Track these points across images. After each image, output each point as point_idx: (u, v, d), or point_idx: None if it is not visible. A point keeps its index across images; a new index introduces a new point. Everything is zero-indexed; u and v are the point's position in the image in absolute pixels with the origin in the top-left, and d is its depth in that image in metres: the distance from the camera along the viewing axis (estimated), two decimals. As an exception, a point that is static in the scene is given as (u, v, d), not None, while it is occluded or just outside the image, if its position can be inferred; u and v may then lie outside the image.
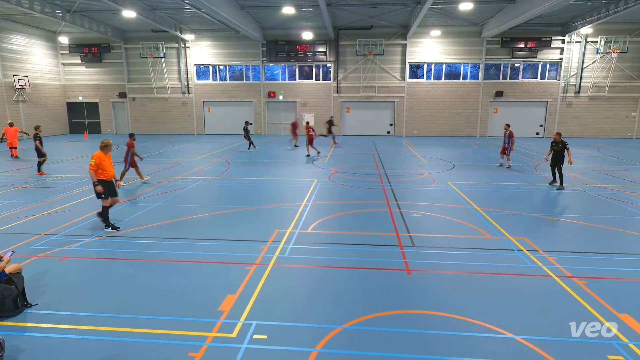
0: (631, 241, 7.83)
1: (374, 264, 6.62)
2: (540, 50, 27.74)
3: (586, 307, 5.21)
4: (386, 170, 15.47)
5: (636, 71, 27.45)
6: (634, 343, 4.41)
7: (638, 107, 27.90)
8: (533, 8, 19.72)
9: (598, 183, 12.97)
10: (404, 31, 27.97)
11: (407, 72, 28.94)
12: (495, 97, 28.68)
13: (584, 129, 28.26)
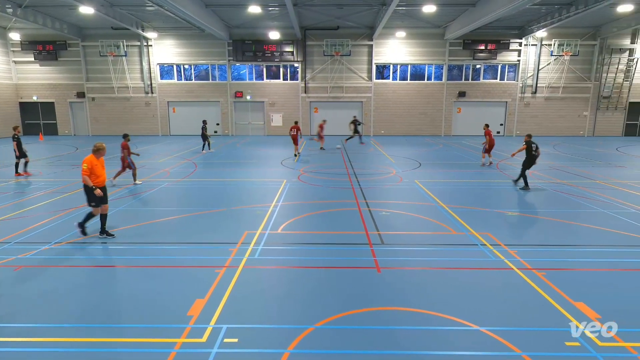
0: (585, 233, 8.29)
1: (344, 263, 6.67)
2: (500, 53, 28.89)
3: (545, 297, 5.47)
4: (355, 169, 15.63)
5: (586, 73, 29.11)
6: (589, 329, 4.67)
7: (588, 107, 29.60)
8: (492, 11, 20.51)
9: (555, 179, 13.66)
10: (370, 32, 28.37)
11: (373, 73, 29.36)
12: (458, 97, 29.61)
13: (541, 127, 29.67)
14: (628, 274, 6.26)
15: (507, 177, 14.01)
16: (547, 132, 29.75)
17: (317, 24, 27.62)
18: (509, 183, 13.07)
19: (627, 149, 22.04)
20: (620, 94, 29.20)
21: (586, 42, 28.34)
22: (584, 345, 4.39)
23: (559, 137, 28.83)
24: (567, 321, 4.86)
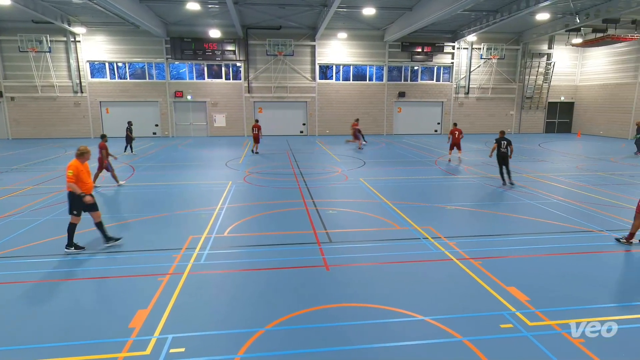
0: (515, 223, 8.99)
1: (293, 263, 6.67)
2: (435, 55, 30.41)
3: (481, 284, 5.86)
4: (301, 169, 15.67)
5: (512, 75, 31.54)
6: (520, 311, 5.08)
7: (514, 106, 32.09)
8: (427, 16, 21.54)
9: (487, 174, 14.65)
10: (313, 32, 28.59)
11: (317, 73, 29.62)
12: (398, 98, 30.75)
13: (473, 126, 31.66)
14: (552, 258, 6.88)
15: (446, 173, 14.80)
16: (479, 130, 31.79)
17: (259, 23, 27.31)
18: (447, 178, 13.82)
19: (547, 145, 24.21)
20: (541, 95, 31.99)
21: (511, 46, 30.70)
22: (517, 326, 4.76)
23: (490, 134, 30.93)
24: (502, 305, 5.24)
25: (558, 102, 32.50)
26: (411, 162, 17.47)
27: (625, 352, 4.31)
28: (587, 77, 31.45)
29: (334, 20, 25.19)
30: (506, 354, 4.27)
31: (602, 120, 29.74)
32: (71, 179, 6.76)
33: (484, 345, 4.40)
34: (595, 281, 6.07)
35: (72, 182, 6.76)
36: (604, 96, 29.74)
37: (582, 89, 31.94)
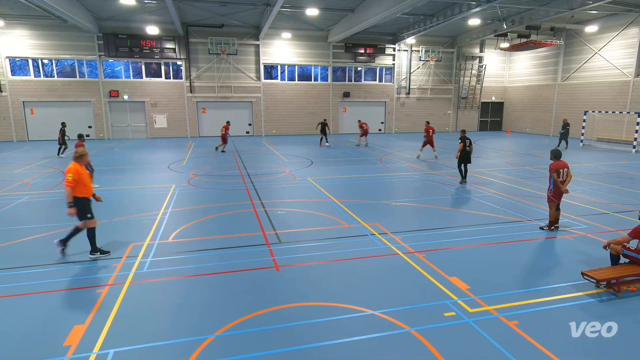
0: (455, 216, 9.51)
1: (242, 266, 6.56)
2: (377, 56, 31.32)
3: (426, 276, 6.13)
4: (248, 170, 15.44)
5: (448, 76, 33.31)
6: (461, 299, 5.39)
7: (451, 106, 33.93)
8: (368, 18, 22.13)
9: (428, 171, 15.35)
10: (257, 32, 28.25)
11: (262, 73, 29.31)
12: (343, 98, 31.29)
13: (414, 125, 33.03)
14: (488, 247, 7.37)
15: (390, 171, 15.31)
16: (419, 129, 33.07)
17: (200, 20, 26.47)
18: (393, 176, 14.29)
19: (481, 142, 25.87)
20: (474, 95, 34.12)
21: (447, 49, 32.42)
22: (459, 313, 5.04)
23: (429, 133, 32.41)
24: (445, 295, 5.52)
25: (490, 102, 34.86)
26: (357, 161, 17.86)
27: (553, 330, 4.72)
28: (514, 79, 34.06)
29: (277, 19, 25.06)
30: (450, 340, 4.51)
31: (528, 119, 32.35)
32: (70, 183, 6.44)
33: (430, 334, 4.61)
34: (525, 267, 6.60)
35: (69, 187, 6.45)
36: (529, 96, 32.38)
37: (510, 89, 34.53)
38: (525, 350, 4.32)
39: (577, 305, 5.29)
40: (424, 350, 4.34)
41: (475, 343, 4.46)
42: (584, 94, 27.33)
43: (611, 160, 17.99)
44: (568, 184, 8.13)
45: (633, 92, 24.10)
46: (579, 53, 27.66)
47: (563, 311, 5.16)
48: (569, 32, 27.77)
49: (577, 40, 27.59)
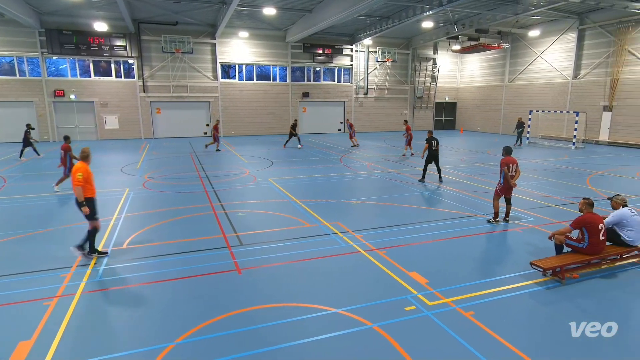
0: (413, 213, 9.79)
1: (203, 270, 6.40)
2: (335, 57, 31.62)
3: (387, 272, 6.27)
4: (207, 172, 15.07)
5: (404, 77, 34.24)
6: (421, 293, 5.56)
7: (407, 106, 34.90)
8: (326, 19, 22.29)
9: (387, 169, 15.70)
10: (213, 30, 27.63)
11: (219, 72, 28.71)
12: (302, 98, 31.31)
13: (373, 124, 33.68)
14: (445, 242, 7.66)
15: (350, 170, 15.51)
16: (377, 128, 33.91)
17: (152, 17, 25.49)
18: (354, 175, 14.48)
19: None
20: (429, 95, 35.31)
21: (402, 51, 33.32)
22: (419, 307, 5.20)
23: (388, 132, 33.19)
24: (405, 290, 5.68)
25: (443, 102, 36.22)
26: (318, 161, 17.94)
27: (505, 319, 4.98)
28: (466, 80, 35.61)
29: (234, 18, 24.66)
30: (411, 334, 4.64)
31: (479, 118, 33.92)
32: (79, 182, 6.45)
33: (392, 328, 4.72)
34: (479, 259, 6.93)
35: (79, 186, 6.45)
36: (479, 97, 33.96)
37: (462, 90, 36.06)
38: (481, 339, 4.53)
39: (527, 293, 5.62)
40: (386, 345, 4.43)
41: (434, 335, 4.62)
42: (529, 94, 29.07)
43: (554, 156, 19.25)
44: (517, 178, 8.62)
45: (572, 93, 25.93)
46: (524, 56, 29.39)
47: (514, 299, 5.46)
48: (514, 36, 29.42)
49: (521, 43, 29.28)
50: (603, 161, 17.77)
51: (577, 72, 25.59)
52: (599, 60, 24.19)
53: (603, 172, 15.10)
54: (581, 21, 24.86)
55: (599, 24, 23.80)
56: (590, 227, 6.12)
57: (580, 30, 25.03)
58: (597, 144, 24.10)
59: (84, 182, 6.55)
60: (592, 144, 24.31)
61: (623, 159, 18.20)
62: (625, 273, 6.31)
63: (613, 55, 23.24)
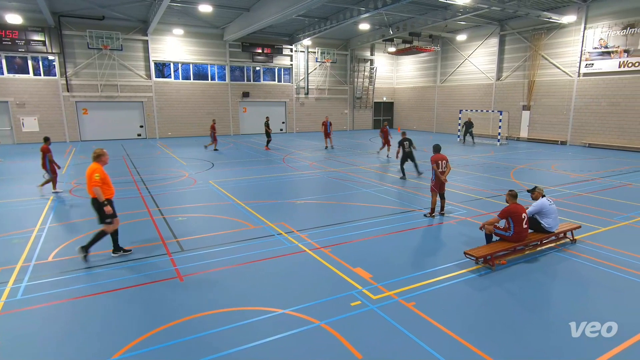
0: (356, 210, 10.02)
1: (141, 280, 6.05)
2: (275, 57, 31.45)
3: (332, 269, 6.37)
4: (142, 175, 14.28)
5: (343, 77, 34.94)
6: (366, 288, 5.71)
7: (347, 106, 35.67)
8: (264, 18, 22.08)
9: (329, 168, 15.93)
10: (144, 26, 26.21)
11: (152, 71, 27.31)
12: (242, 98, 30.76)
13: (315, 124, 33.98)
14: (387, 237, 7.93)
15: (293, 170, 15.52)
16: (319, 127, 34.14)
17: (75, 11, 23.57)
18: (297, 175, 14.50)
19: (376, 139, 27.68)
20: (368, 96, 36.37)
21: (341, 52, 33.97)
22: (364, 302, 5.34)
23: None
24: (351, 286, 5.80)
25: (381, 102, 37.51)
26: (260, 162, 17.73)
27: (445, 307, 5.28)
28: (401, 81, 37.17)
29: (168, 15, 23.60)
30: (358, 328, 4.75)
31: (415, 117, 35.58)
32: (97, 183, 6.43)
33: (339, 325, 4.80)
34: (418, 251, 7.28)
35: (98, 186, 6.42)
36: (414, 97, 35.63)
37: (399, 90, 37.59)
38: (423, 328, 4.76)
39: (462, 281, 6.00)
40: (334, 341, 4.50)
41: (379, 327, 4.77)
42: (459, 94, 31.03)
43: (481, 152, 20.72)
44: (447, 174, 9.16)
45: (495, 94, 28.09)
46: (453, 58, 31.31)
47: (451, 288, 5.81)
48: (444, 40, 31.21)
49: (451, 47, 31.16)
50: (524, 156, 19.46)
51: (500, 74, 27.77)
52: (517, 64, 26.45)
53: (524, 166, 16.55)
54: (502, 27, 27.02)
55: (517, 30, 26.03)
56: (515, 216, 6.68)
57: (501, 36, 27.18)
58: (518, 140, 26.34)
59: (102, 182, 6.53)
60: (514, 140, 26.53)
61: (540, 154, 20.07)
62: (545, 257, 6.97)
63: (529, 59, 25.53)
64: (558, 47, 24.01)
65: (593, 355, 4.24)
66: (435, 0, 20.28)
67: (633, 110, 21.01)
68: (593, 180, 13.42)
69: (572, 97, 23.49)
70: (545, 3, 22.34)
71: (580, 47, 22.75)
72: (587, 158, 18.65)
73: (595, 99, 22.52)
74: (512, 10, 20.75)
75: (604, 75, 21.96)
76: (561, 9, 22.75)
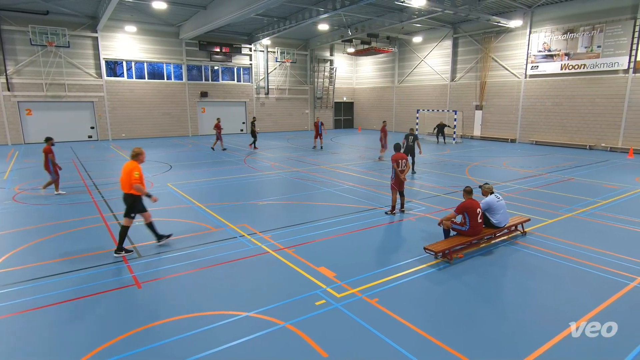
0: (319, 210, 10.07)
1: (95, 289, 5.76)
2: (234, 56, 30.95)
3: (296, 270, 6.37)
4: (94, 179, 13.59)
5: (304, 77, 34.98)
6: (330, 287, 5.76)
7: (308, 105, 35.75)
8: (221, 16, 21.66)
9: (291, 168, 15.90)
10: (94, 22, 24.93)
11: (103, 69, 26.02)
12: (201, 98, 30.01)
13: (276, 124, 33.80)
14: (350, 235, 8.03)
15: (255, 170, 15.36)
16: (281, 128, 34.13)
17: (15, 4, 22.00)
18: (258, 175, 14.34)
19: (337, 139, 27.95)
20: (328, 96, 36.63)
21: (301, 52, 33.98)
22: (328, 300, 5.38)
23: (291, 131, 33.60)
24: (315, 285, 5.83)
25: (342, 102, 37.91)
26: (220, 163, 17.39)
27: (407, 301, 5.43)
28: (361, 81, 37.75)
29: (119, 11, 22.59)
30: (323, 327, 4.78)
31: (374, 117, 36.23)
32: (137, 180, 6.93)
33: (304, 325, 4.81)
34: (380, 248, 7.43)
35: (138, 184, 6.92)
36: (373, 97, 36.30)
37: (358, 91, 38.15)
38: (386, 323, 4.86)
39: (423, 275, 6.19)
40: (300, 341, 4.50)
41: (344, 325, 4.82)
42: (416, 95, 31.95)
43: (439, 151, 21.46)
44: (407, 173, 9.41)
45: (450, 94, 29.19)
46: (410, 60, 32.20)
47: (412, 282, 5.98)
48: (401, 41, 32.04)
49: (407, 48, 32.03)
50: (477, 154, 20.37)
51: (454, 75, 28.88)
52: (470, 65, 27.63)
53: (478, 163, 17.32)
54: (455, 30, 28.12)
55: (469, 33, 27.19)
56: (470, 211, 6.98)
57: (455, 39, 28.28)
58: (472, 139, 27.52)
59: (140, 179, 6.99)
60: (469, 138, 27.69)
61: (492, 151, 21.09)
62: (499, 249, 7.34)
63: (481, 61, 26.74)
64: (506, 49, 25.33)
65: (542, 339, 4.52)
66: (392, 3, 20.76)
67: (573, 110, 22.56)
68: (540, 175, 14.28)
69: (520, 97, 24.87)
70: (494, 8, 23.50)
71: (526, 50, 24.13)
72: (534, 155, 19.82)
73: (540, 99, 23.97)
74: (463, 14, 21.64)
75: (548, 76, 23.43)
76: (508, 13, 24.03)
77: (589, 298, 5.49)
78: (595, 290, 5.71)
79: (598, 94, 21.51)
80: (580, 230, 8.43)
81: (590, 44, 21.43)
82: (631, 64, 20.10)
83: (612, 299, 5.46)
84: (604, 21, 20.82)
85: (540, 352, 4.32)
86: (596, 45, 21.20)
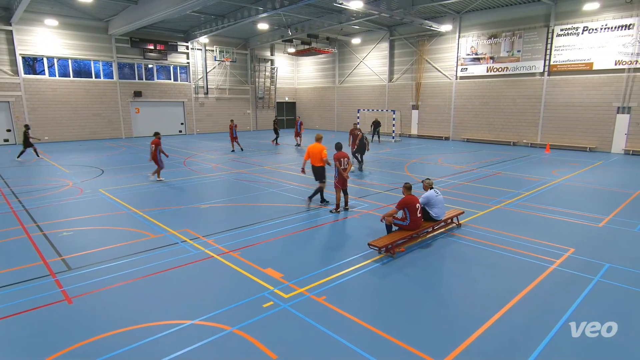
0: (263, 211, 9.96)
1: (18, 308, 5.23)
2: (170, 54, 29.61)
3: (243, 273, 6.25)
4: (13, 187, 12.33)
5: (244, 77, 34.37)
6: (277, 288, 5.72)
7: (250, 106, 35.21)
8: (154, 12, 20.61)
9: (234, 170, 15.56)
10: (7, 15, 22.56)
11: (20, 66, 23.65)
12: (134, 97, 28.35)
13: (216, 125, 32.85)
14: (294, 235, 8.03)
15: (196, 173, 14.82)
16: (222, 129, 33.20)
17: None
18: (200, 178, 13.85)
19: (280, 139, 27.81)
20: (270, 96, 36.34)
21: (240, 51, 33.34)
22: (276, 302, 5.34)
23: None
24: (262, 287, 5.76)
25: (284, 102, 37.80)
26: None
27: (353, 297, 5.54)
28: (302, 82, 37.92)
29: (37, 3, 20.69)
30: (272, 329, 4.74)
31: (317, 117, 36.58)
32: (326, 156, 9.66)
33: (252, 328, 4.73)
34: (325, 246, 7.52)
35: (326, 157, 9.62)
36: (315, 97, 36.62)
37: (300, 91, 38.28)
38: (334, 320, 4.93)
39: (368, 271, 6.36)
40: (248, 345, 4.42)
41: (293, 325, 4.82)
42: (356, 95, 32.74)
43: (379, 149, 22.17)
44: (349, 171, 9.62)
45: (388, 94, 30.29)
46: (349, 60, 32.91)
47: (358, 278, 6.12)
48: (340, 43, 32.65)
49: (347, 49, 32.71)
50: (415, 151, 21.33)
51: (392, 76, 30.00)
52: (406, 67, 28.85)
53: (416, 160, 18.15)
54: (391, 33, 29.20)
55: (404, 36, 28.38)
56: (410, 207, 7.29)
57: (391, 41, 29.37)
58: (410, 137, 28.77)
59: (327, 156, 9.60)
60: (407, 137, 28.92)
61: (429, 149, 22.21)
62: (437, 241, 7.74)
63: (416, 63, 28.04)
64: (439, 52, 26.80)
65: (479, 322, 4.84)
66: (331, 4, 21.07)
67: (498, 109, 24.45)
68: (471, 170, 15.28)
69: (452, 97, 26.44)
70: (426, 12, 24.74)
71: (456, 53, 25.71)
72: (465, 152, 21.17)
73: (470, 100, 25.67)
74: (398, 17, 22.54)
75: (476, 78, 25.16)
76: (439, 18, 25.44)
77: (517, 281, 5.98)
78: (523, 274, 6.24)
79: (519, 95, 23.49)
80: (508, 220, 9.14)
81: (511, 49, 23.34)
82: (546, 67, 22.21)
83: (537, 280, 5.99)
84: (522, 28, 22.79)
85: (479, 333, 4.62)
86: (516, 50, 23.13)
